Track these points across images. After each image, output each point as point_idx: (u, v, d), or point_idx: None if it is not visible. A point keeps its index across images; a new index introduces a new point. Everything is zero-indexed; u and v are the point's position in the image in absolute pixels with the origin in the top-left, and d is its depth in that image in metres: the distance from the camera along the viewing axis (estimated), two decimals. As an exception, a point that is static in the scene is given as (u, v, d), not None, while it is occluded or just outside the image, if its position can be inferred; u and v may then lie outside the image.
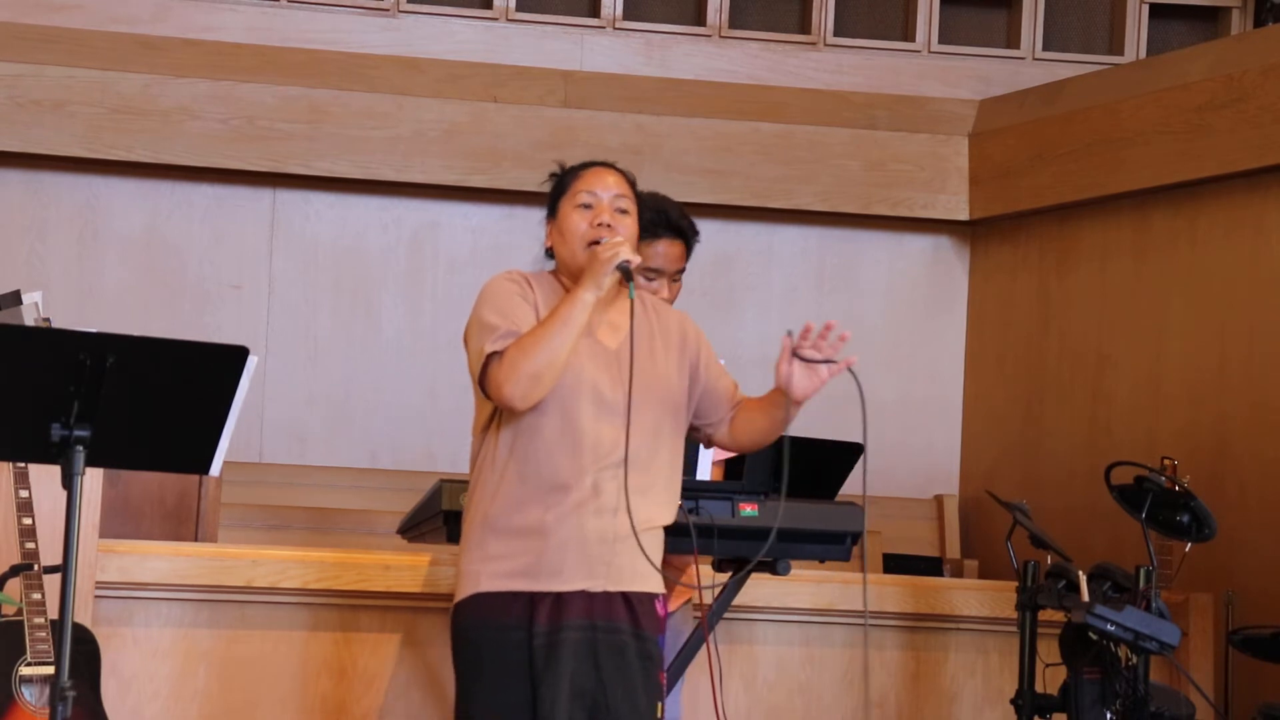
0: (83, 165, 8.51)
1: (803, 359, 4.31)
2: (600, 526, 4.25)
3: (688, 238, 5.06)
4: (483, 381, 4.27)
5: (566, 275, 4.41)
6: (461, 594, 4.32)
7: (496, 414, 4.32)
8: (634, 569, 4.29)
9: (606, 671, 4.23)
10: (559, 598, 4.23)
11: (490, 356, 4.24)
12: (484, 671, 4.24)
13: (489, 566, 4.27)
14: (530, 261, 4.58)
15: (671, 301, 5.09)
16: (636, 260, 4.29)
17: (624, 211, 4.38)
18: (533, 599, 4.24)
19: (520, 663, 4.22)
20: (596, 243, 4.32)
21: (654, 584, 4.36)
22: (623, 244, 4.27)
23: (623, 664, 4.25)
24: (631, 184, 4.45)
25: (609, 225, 4.34)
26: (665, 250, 5.01)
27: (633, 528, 4.21)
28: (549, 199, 4.49)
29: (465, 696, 4.31)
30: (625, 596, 4.28)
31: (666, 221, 5.00)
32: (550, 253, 4.48)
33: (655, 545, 4.37)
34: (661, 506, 4.39)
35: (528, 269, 4.50)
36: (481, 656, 4.25)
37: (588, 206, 4.37)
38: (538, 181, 8.70)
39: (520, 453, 4.27)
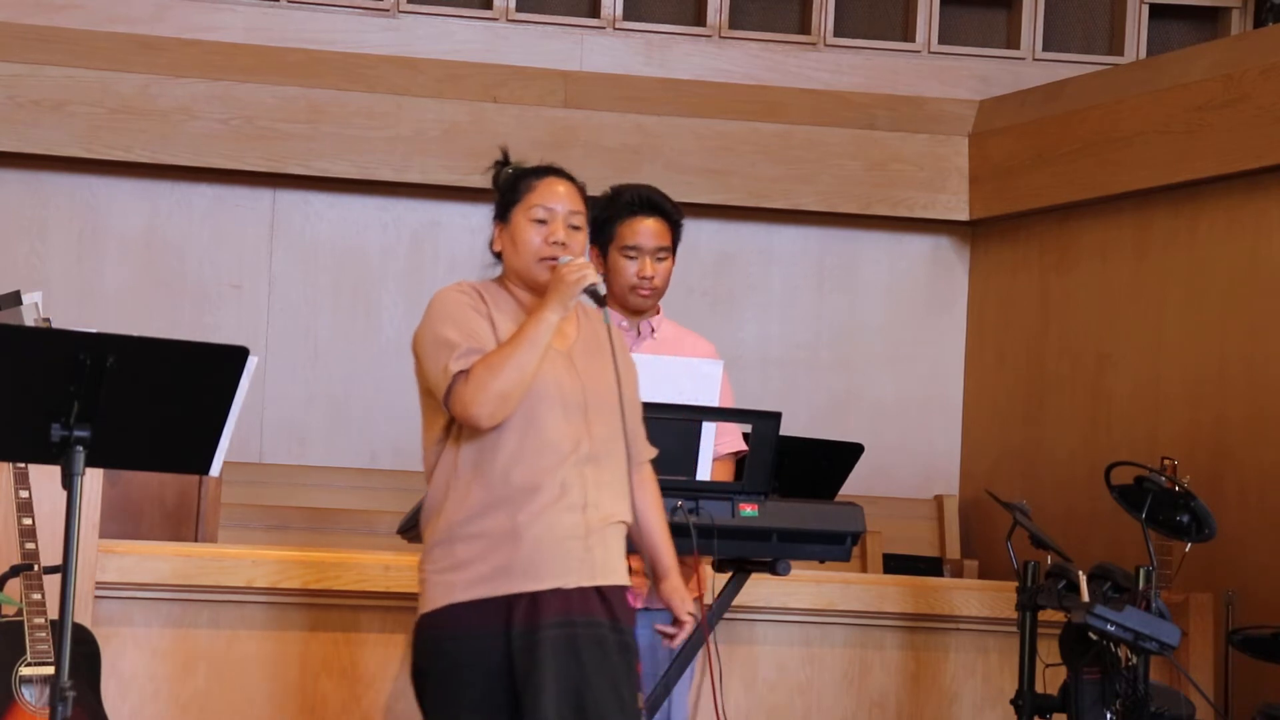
0: (82, 165, 8.51)
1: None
2: (571, 523, 4.26)
3: (666, 213, 5.17)
4: (448, 400, 4.28)
5: (516, 283, 4.43)
6: (432, 604, 4.29)
7: (452, 425, 4.33)
8: (605, 563, 4.31)
9: (589, 666, 4.23)
10: (534, 597, 4.23)
11: (457, 375, 4.26)
12: (464, 682, 4.22)
13: (461, 574, 4.26)
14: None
15: (663, 282, 5.14)
16: (599, 280, 4.34)
17: (576, 228, 4.42)
18: (509, 602, 4.23)
19: (501, 668, 4.21)
20: (550, 259, 4.35)
21: (623, 577, 4.37)
22: (587, 266, 4.33)
23: (604, 657, 4.25)
24: (582, 194, 4.47)
25: (563, 244, 4.37)
26: (643, 227, 5.12)
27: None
28: (499, 201, 4.48)
29: (442, 705, 4.27)
30: (599, 590, 4.28)
31: (641, 200, 5.14)
32: (496, 255, 4.48)
33: (621, 540, 4.39)
34: (624, 502, 4.39)
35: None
36: (461, 667, 4.23)
37: (542, 222, 4.39)
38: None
39: (484, 461, 4.28)
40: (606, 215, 5.17)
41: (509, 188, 4.48)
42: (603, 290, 4.40)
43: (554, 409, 4.29)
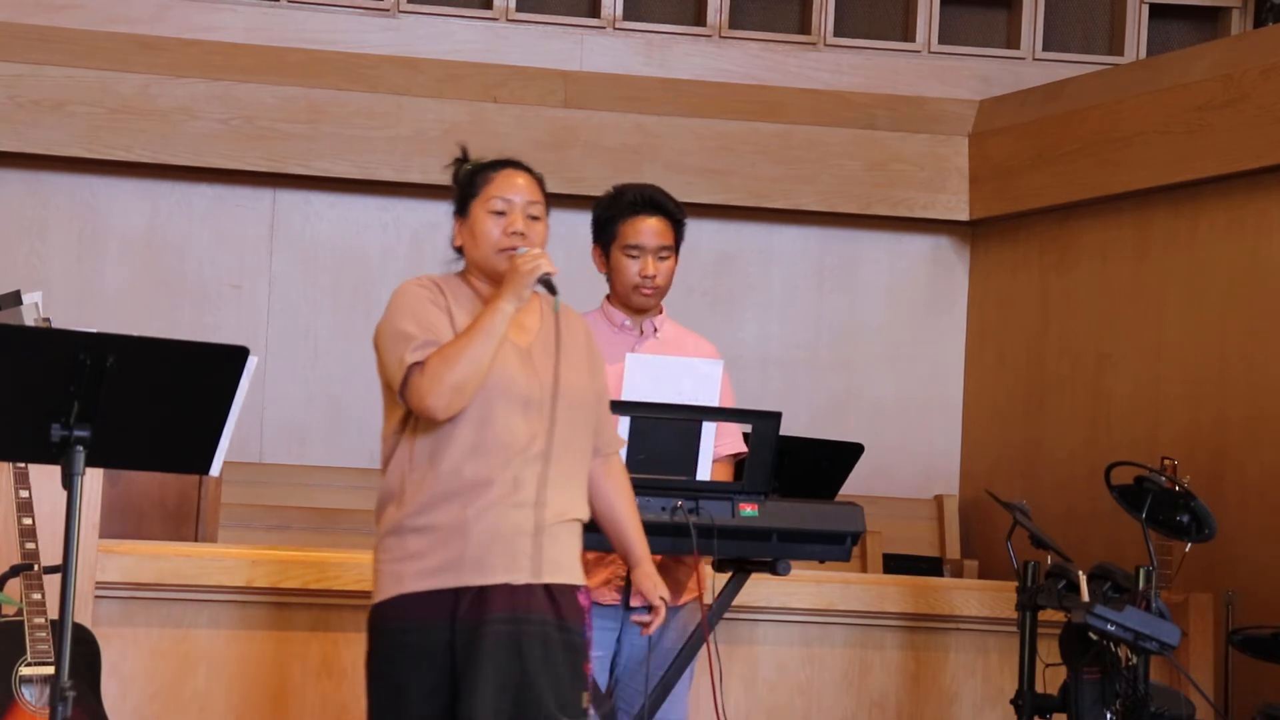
0: (83, 165, 8.51)
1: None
2: (520, 519, 4.26)
3: (668, 213, 5.20)
4: (404, 391, 4.29)
5: (478, 276, 4.44)
6: (384, 594, 4.30)
7: (409, 417, 4.34)
8: (555, 561, 4.30)
9: (530, 663, 4.22)
10: (481, 591, 4.23)
11: (412, 367, 4.28)
12: (410, 672, 4.24)
13: (411, 565, 4.26)
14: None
15: (665, 281, 5.16)
16: (556, 271, 4.34)
17: (535, 218, 4.43)
18: (456, 595, 4.24)
19: (445, 660, 4.22)
20: (510, 250, 4.36)
21: (575, 576, 4.37)
22: (542, 256, 4.33)
23: (546, 655, 4.25)
24: (541, 186, 4.48)
25: (522, 234, 4.38)
26: (645, 226, 5.14)
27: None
28: (457, 195, 4.50)
29: (387, 696, 4.29)
30: (547, 588, 4.28)
31: (644, 199, 5.17)
32: (458, 250, 4.50)
33: (575, 538, 4.38)
34: (579, 501, 4.40)
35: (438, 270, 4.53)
36: (408, 657, 4.24)
37: (501, 213, 4.40)
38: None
39: (438, 453, 4.28)
40: (609, 214, 5.19)
41: (467, 182, 4.50)
42: (555, 274, 4.37)
43: (509, 404, 4.29)
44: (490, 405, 4.28)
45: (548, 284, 4.33)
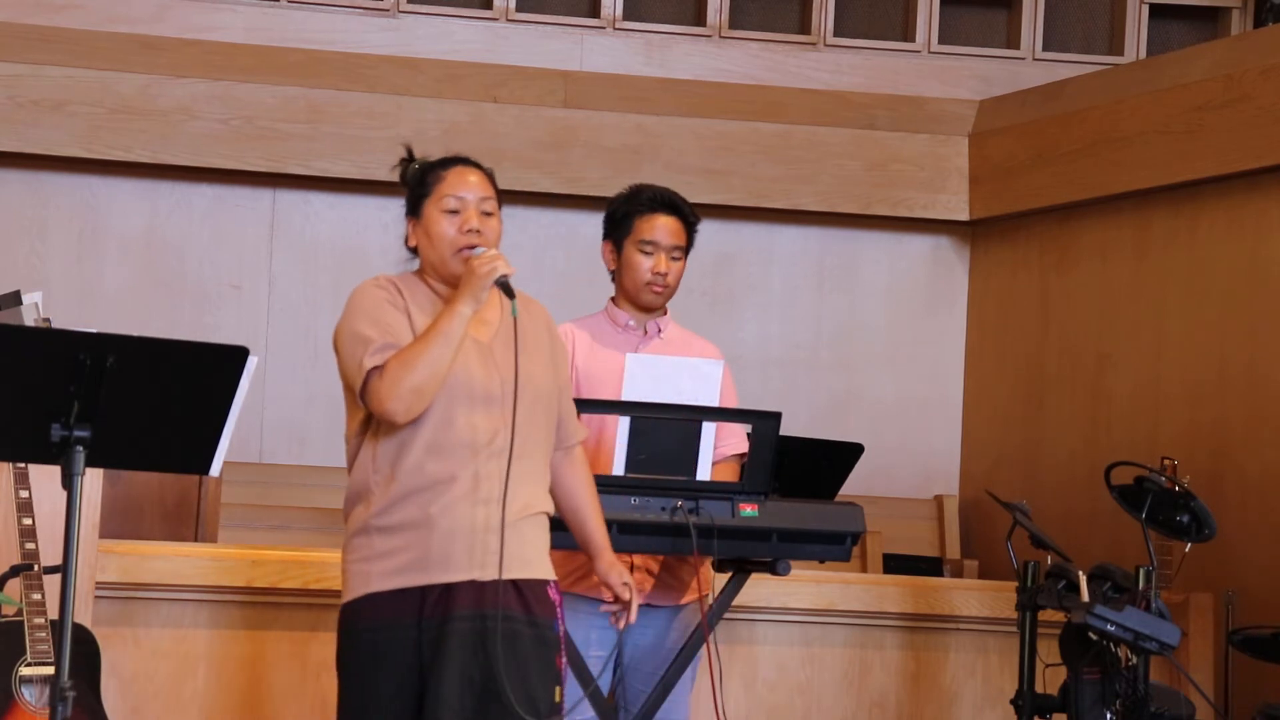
0: (83, 165, 8.51)
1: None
2: (485, 515, 4.26)
3: (684, 215, 5.26)
4: (364, 395, 4.32)
5: (434, 276, 4.45)
6: (352, 594, 4.33)
7: (371, 418, 4.35)
8: (522, 556, 4.30)
9: (495, 660, 4.21)
10: (447, 589, 4.24)
11: (371, 371, 4.29)
12: (379, 671, 4.25)
13: (378, 565, 4.28)
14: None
15: (675, 281, 5.17)
16: (512, 272, 4.34)
17: (489, 214, 4.43)
18: (423, 593, 4.24)
19: (411, 658, 4.22)
20: (468, 248, 4.36)
21: (543, 570, 4.36)
22: (498, 257, 4.33)
23: (514, 650, 4.25)
24: (493, 182, 4.50)
25: (478, 231, 4.38)
26: (661, 223, 5.20)
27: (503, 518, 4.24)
28: (409, 195, 4.54)
29: (355, 696, 4.30)
30: (515, 584, 4.28)
31: (662, 199, 5.24)
32: (413, 250, 4.51)
33: (542, 531, 4.38)
34: (543, 495, 4.40)
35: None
36: (376, 656, 4.26)
37: (454, 212, 4.41)
38: (538, 181, 8.66)
39: (402, 453, 4.29)
40: (626, 210, 5.22)
41: (417, 182, 4.53)
42: (512, 275, 4.38)
43: (470, 402, 4.29)
44: (451, 403, 4.28)
45: (505, 286, 4.32)
